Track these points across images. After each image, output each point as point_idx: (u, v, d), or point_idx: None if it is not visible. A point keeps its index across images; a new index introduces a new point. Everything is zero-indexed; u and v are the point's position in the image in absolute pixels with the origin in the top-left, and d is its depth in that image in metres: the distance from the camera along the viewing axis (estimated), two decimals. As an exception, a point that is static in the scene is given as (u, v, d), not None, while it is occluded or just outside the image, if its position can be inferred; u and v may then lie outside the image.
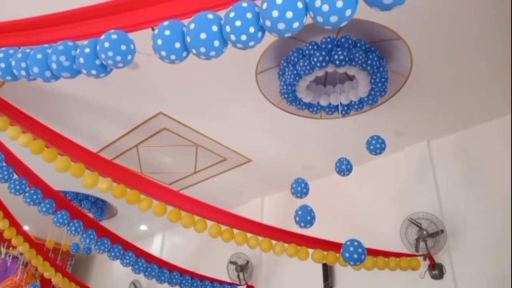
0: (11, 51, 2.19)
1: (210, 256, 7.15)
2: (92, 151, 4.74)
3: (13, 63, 2.09)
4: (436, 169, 5.02)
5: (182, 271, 5.15)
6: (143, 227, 8.48)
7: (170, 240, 8.47)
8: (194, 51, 1.62)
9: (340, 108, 4.18)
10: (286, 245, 4.35)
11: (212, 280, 5.70)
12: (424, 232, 4.48)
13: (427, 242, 4.47)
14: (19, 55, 2.05)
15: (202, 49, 1.61)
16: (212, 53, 1.63)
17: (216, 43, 1.60)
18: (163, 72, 4.18)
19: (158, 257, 5.33)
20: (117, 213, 7.70)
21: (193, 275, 5.36)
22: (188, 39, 1.59)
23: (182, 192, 5.42)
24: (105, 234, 4.31)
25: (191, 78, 4.27)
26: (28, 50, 2.06)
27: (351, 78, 4.18)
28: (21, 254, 8.59)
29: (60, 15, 2.07)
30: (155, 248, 8.31)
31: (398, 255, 4.40)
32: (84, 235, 4.22)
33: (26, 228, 6.10)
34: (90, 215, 6.62)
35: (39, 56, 1.91)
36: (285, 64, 3.91)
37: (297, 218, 3.30)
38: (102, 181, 3.60)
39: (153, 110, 4.84)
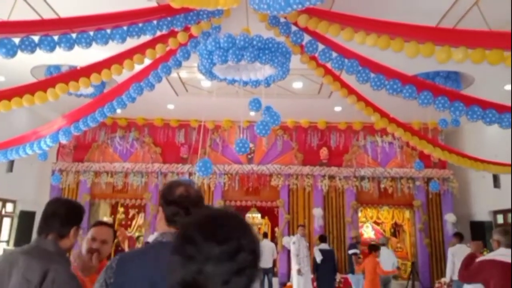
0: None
1: None
2: (430, 26, 4.63)
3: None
4: None
5: None
6: (508, 87, 7.61)
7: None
8: None
9: None
10: None
11: None
12: None
13: None
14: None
15: None
16: None
17: None
18: None
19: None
20: (474, 81, 7.24)
21: None
22: None
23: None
24: (474, 102, 4.18)
25: None
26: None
27: None
28: (396, 138, 9.73)
29: None
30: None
31: None
32: (452, 108, 4.26)
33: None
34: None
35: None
36: None
37: None
38: (456, 52, 3.45)
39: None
